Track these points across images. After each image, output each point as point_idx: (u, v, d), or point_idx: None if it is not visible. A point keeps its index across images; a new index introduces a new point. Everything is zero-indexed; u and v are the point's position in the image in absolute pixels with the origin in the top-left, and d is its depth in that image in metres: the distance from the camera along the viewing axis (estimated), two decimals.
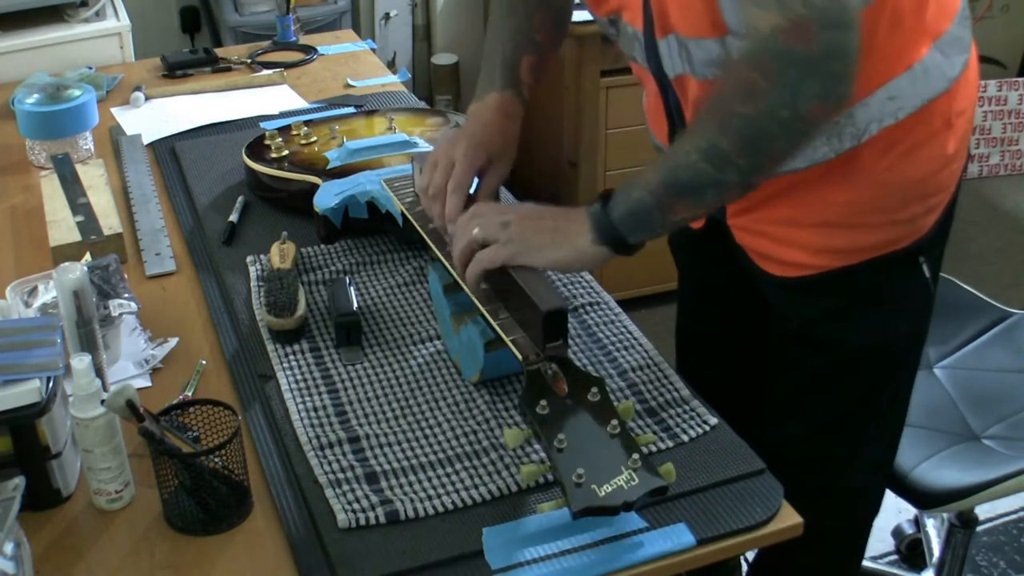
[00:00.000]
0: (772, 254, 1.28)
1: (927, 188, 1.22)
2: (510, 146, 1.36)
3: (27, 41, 2.22)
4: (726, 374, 1.55)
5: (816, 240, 1.23)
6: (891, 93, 1.15)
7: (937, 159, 1.21)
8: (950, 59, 1.18)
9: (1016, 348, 1.78)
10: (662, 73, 1.24)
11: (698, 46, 1.16)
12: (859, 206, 1.21)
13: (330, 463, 1.13)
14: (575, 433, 1.00)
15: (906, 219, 1.23)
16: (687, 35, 1.16)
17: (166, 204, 1.69)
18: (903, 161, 1.19)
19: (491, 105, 1.35)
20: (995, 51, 3.63)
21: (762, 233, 1.27)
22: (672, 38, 1.19)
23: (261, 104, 2.03)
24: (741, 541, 1.07)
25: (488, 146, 1.32)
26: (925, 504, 1.57)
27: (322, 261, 1.49)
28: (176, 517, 1.09)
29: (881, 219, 1.22)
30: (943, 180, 1.24)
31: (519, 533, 1.05)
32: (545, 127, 2.93)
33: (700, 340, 1.63)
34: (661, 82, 1.26)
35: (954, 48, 1.19)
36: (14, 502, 0.98)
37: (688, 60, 1.18)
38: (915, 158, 1.19)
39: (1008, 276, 3.11)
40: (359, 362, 1.30)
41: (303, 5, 2.77)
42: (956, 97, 1.20)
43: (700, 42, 1.15)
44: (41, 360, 1.09)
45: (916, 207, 1.23)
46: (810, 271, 1.25)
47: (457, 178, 1.28)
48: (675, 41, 1.18)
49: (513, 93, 1.36)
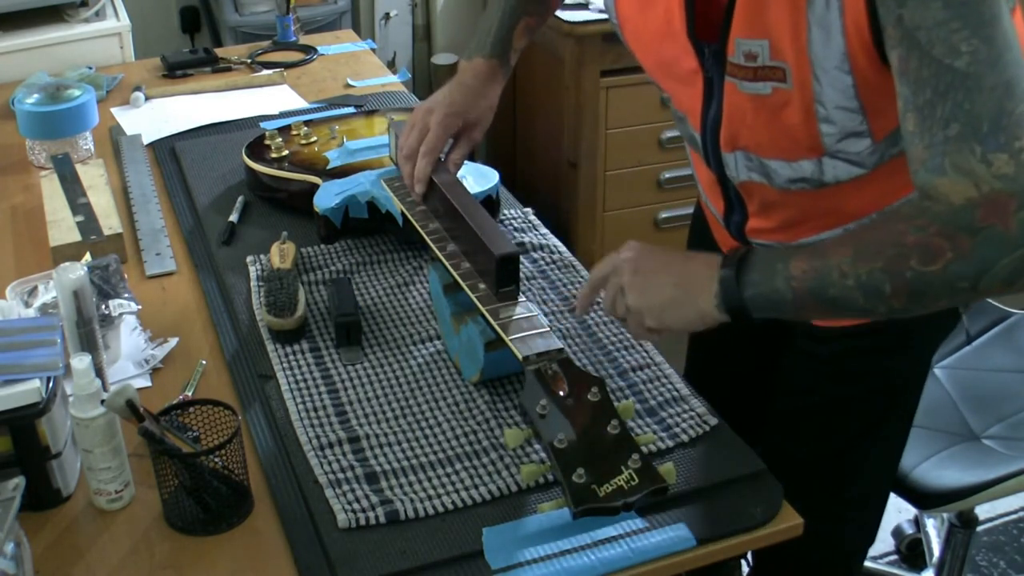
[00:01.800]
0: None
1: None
2: (488, 113, 1.42)
3: (27, 41, 2.22)
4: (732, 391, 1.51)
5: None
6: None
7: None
8: None
9: (1016, 348, 1.78)
10: (724, 176, 1.19)
11: (785, 166, 1.11)
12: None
13: (330, 463, 1.13)
14: (575, 433, 1.00)
15: None
16: (768, 156, 1.11)
17: (166, 204, 1.69)
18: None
19: (478, 71, 1.41)
20: None
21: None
22: (741, 154, 1.14)
23: (261, 104, 2.03)
24: (741, 541, 1.07)
25: (464, 113, 1.39)
26: (925, 504, 1.57)
27: (322, 261, 1.49)
28: (176, 517, 1.09)
29: None
30: None
31: (519, 533, 1.05)
32: (545, 127, 2.93)
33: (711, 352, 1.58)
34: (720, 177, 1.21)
35: None
36: (14, 502, 0.98)
37: (765, 174, 1.14)
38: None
39: None
40: (359, 362, 1.30)
41: (303, 5, 2.77)
42: None
43: (789, 164, 1.11)
44: (41, 360, 1.09)
45: None
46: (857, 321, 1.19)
47: (429, 142, 1.37)
48: (744, 157, 1.14)
49: (500, 61, 1.41)
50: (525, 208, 1.64)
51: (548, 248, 1.53)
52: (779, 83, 1.04)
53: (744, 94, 1.08)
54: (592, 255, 2.79)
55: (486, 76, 1.41)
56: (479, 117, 1.42)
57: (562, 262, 1.50)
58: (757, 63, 1.04)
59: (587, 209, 2.79)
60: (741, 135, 1.13)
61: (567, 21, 2.56)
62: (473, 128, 1.42)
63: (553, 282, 1.45)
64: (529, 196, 2.26)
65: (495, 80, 1.42)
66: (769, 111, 1.07)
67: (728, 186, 1.22)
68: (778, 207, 1.19)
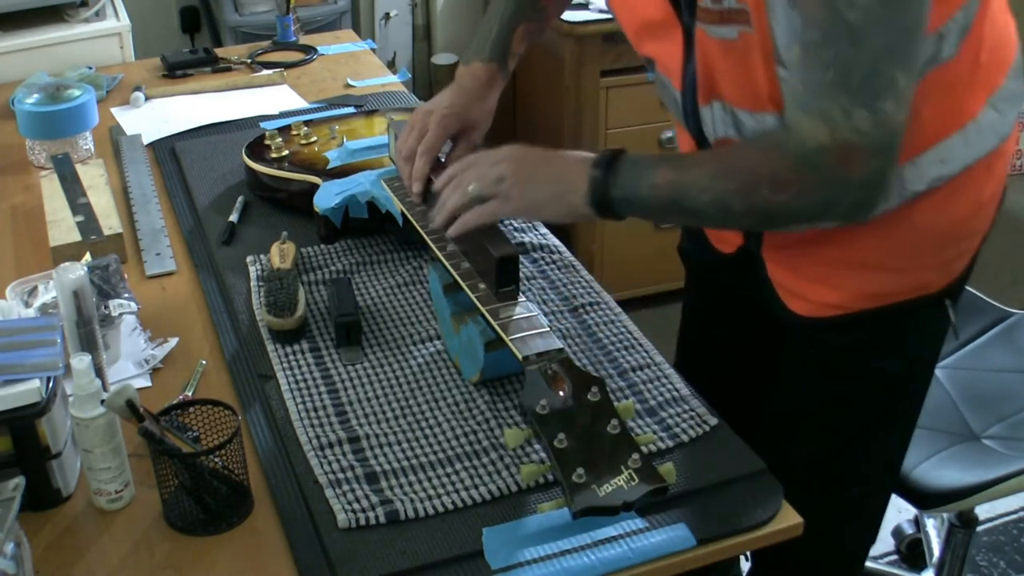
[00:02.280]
0: (802, 292, 1.25)
1: (961, 232, 1.20)
2: (487, 116, 1.43)
3: (27, 41, 2.22)
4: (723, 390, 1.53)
5: (848, 282, 1.21)
6: (942, 155, 1.12)
7: (974, 203, 1.19)
8: (1004, 115, 1.15)
9: (1016, 348, 1.78)
10: (701, 135, 1.22)
11: (751, 117, 1.13)
12: (896, 250, 1.18)
13: (330, 463, 1.13)
14: (575, 433, 1.00)
15: (939, 264, 1.21)
16: (740, 106, 1.14)
17: (166, 204, 1.69)
18: (940, 206, 1.16)
19: (476, 74, 1.42)
20: None
21: (796, 270, 1.25)
22: (718, 105, 1.16)
23: (261, 104, 2.03)
24: (741, 541, 1.07)
25: (463, 115, 1.40)
26: (925, 504, 1.57)
27: (322, 261, 1.49)
28: (176, 517, 1.09)
29: (914, 263, 1.20)
30: (977, 224, 1.22)
31: (519, 533, 1.05)
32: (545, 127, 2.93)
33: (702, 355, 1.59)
34: (699, 141, 1.24)
35: (1009, 103, 1.15)
36: (14, 502, 0.98)
37: (736, 127, 1.16)
38: (952, 203, 1.16)
39: (1008, 276, 3.11)
40: (359, 362, 1.30)
41: (303, 5, 2.77)
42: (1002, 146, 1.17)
43: (755, 115, 1.13)
44: (41, 360, 1.09)
45: (950, 251, 1.21)
46: (837, 311, 1.23)
47: (428, 142, 1.37)
48: (720, 108, 1.16)
49: (499, 65, 1.42)
50: None
51: (548, 248, 1.53)
52: (744, 26, 1.06)
53: (714, 40, 1.10)
54: (592, 255, 2.79)
55: (484, 80, 1.42)
56: (478, 119, 1.42)
57: (562, 262, 1.50)
58: (723, 5, 1.06)
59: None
60: (715, 85, 1.15)
61: (567, 21, 2.56)
62: (472, 130, 1.42)
63: (553, 282, 1.45)
64: None
65: (493, 84, 1.43)
66: (736, 57, 1.09)
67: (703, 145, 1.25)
68: None
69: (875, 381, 1.29)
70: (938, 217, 1.17)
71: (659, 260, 2.79)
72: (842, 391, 1.30)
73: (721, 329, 1.55)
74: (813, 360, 1.31)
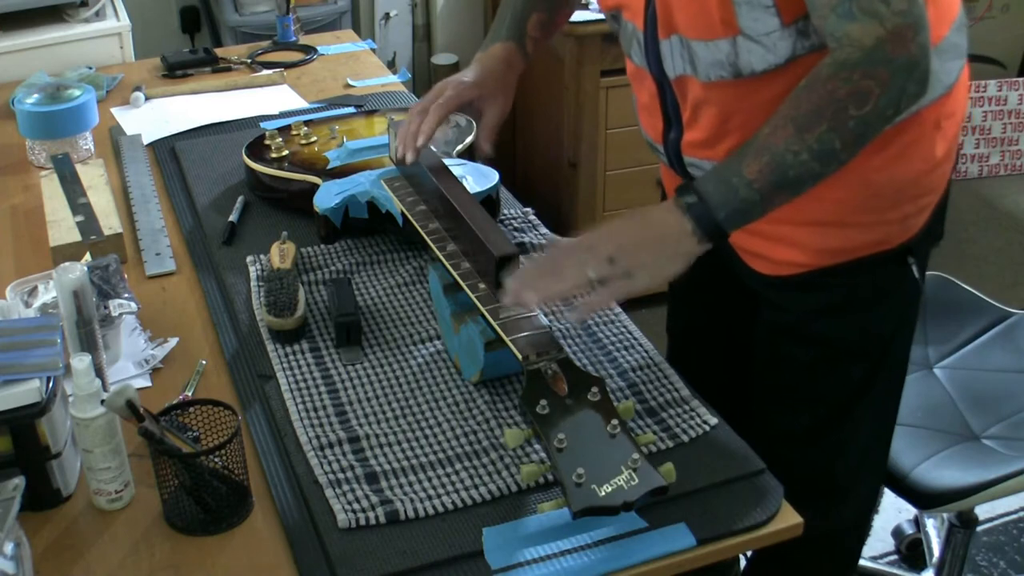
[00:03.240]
0: (764, 253, 1.29)
1: (917, 189, 1.24)
2: (506, 91, 1.43)
3: (27, 41, 2.22)
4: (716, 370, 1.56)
5: (808, 239, 1.25)
6: None
7: (927, 160, 1.23)
8: (946, 66, 1.20)
9: (1016, 348, 1.78)
10: (662, 73, 1.25)
11: (705, 47, 1.17)
12: (850, 205, 1.23)
13: (330, 463, 1.13)
14: (575, 433, 1.00)
15: (896, 219, 1.25)
16: (693, 37, 1.17)
17: (166, 204, 1.69)
18: (894, 162, 1.21)
19: (493, 53, 1.43)
20: (995, 51, 3.63)
21: (756, 232, 1.28)
22: (675, 39, 1.20)
23: (261, 104, 2.03)
24: (741, 541, 1.07)
25: (481, 86, 1.41)
26: (925, 504, 1.56)
27: (322, 261, 1.49)
28: (176, 517, 1.09)
29: (872, 219, 1.24)
30: (933, 182, 1.26)
31: (519, 533, 1.05)
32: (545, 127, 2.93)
33: (689, 335, 1.64)
34: (660, 81, 1.27)
35: (951, 55, 1.21)
36: (14, 502, 0.98)
37: (691, 61, 1.20)
38: (905, 160, 1.21)
39: (1008, 276, 3.11)
40: (359, 362, 1.30)
41: (303, 5, 2.77)
42: (948, 101, 1.22)
43: (708, 44, 1.16)
44: (41, 360, 1.09)
45: (907, 207, 1.25)
46: (801, 269, 1.27)
47: (442, 101, 1.38)
48: (678, 42, 1.20)
49: (516, 45, 1.43)
50: (525, 208, 1.64)
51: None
52: None
53: None
54: None
55: (501, 57, 1.43)
56: (495, 92, 1.42)
57: None
58: None
59: (587, 209, 2.79)
60: (672, 17, 1.19)
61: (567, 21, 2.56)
62: (491, 103, 1.42)
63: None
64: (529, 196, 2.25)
65: (512, 63, 1.43)
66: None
67: (666, 95, 1.28)
68: (706, 108, 1.23)
69: (846, 344, 1.32)
70: (892, 174, 1.21)
71: None
72: (810, 358, 1.34)
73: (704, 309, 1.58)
74: (785, 327, 1.35)
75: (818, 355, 1.33)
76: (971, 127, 3.53)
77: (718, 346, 1.58)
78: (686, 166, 1.31)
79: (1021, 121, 3.56)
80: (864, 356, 1.33)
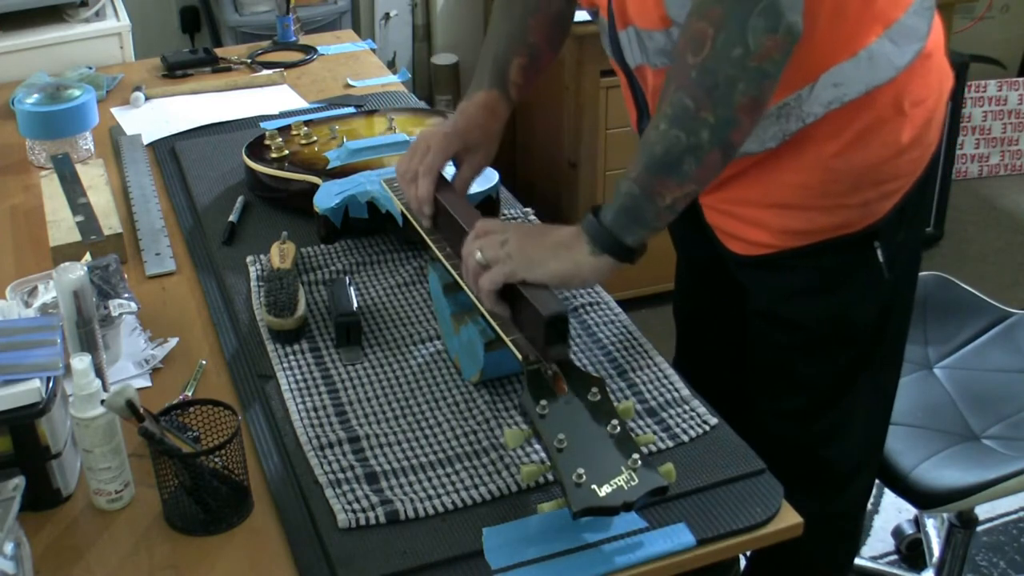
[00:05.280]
0: (737, 233, 1.32)
1: (880, 175, 1.24)
2: (490, 140, 1.42)
3: (27, 41, 2.22)
4: (718, 353, 1.59)
5: (774, 220, 1.27)
6: (836, 79, 1.18)
7: (890, 146, 1.23)
8: (900, 48, 1.20)
9: (1016, 348, 1.78)
10: (624, 63, 1.29)
11: (650, 38, 1.21)
12: (811, 189, 1.24)
13: (330, 463, 1.13)
14: (575, 433, 1.00)
15: (858, 203, 1.25)
16: (643, 27, 1.20)
17: (166, 204, 1.69)
18: (852, 147, 1.21)
19: (477, 101, 1.41)
20: (995, 51, 3.63)
21: (728, 213, 1.31)
22: (631, 30, 1.23)
23: (261, 104, 2.03)
24: (741, 541, 1.07)
25: (465, 136, 1.39)
26: (925, 504, 1.57)
27: (322, 261, 1.49)
28: (176, 517, 1.09)
29: (832, 202, 1.25)
30: (900, 168, 1.25)
31: (519, 533, 1.05)
32: (545, 127, 2.93)
33: (693, 319, 1.67)
34: (627, 72, 1.31)
35: (906, 37, 1.20)
36: (14, 502, 0.98)
37: (644, 50, 1.23)
38: (864, 144, 1.21)
39: (1008, 276, 3.11)
40: (359, 362, 1.30)
41: (303, 5, 2.77)
42: (908, 85, 1.22)
43: (651, 34, 1.20)
44: (41, 360, 1.09)
45: (868, 192, 1.25)
46: (769, 250, 1.29)
47: (428, 162, 1.35)
48: (633, 32, 1.23)
49: (500, 92, 1.41)
50: (525, 208, 1.64)
51: None
52: None
53: None
54: None
55: (484, 105, 1.41)
56: (480, 142, 1.40)
57: None
58: None
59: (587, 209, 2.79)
60: (625, 10, 1.21)
61: None
62: (475, 152, 1.41)
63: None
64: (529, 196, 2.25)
65: (495, 111, 1.41)
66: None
67: (635, 85, 1.32)
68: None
69: (822, 329, 1.33)
70: (852, 159, 1.22)
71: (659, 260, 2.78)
72: (789, 342, 1.36)
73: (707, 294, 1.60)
74: (761, 310, 1.38)
75: (797, 339, 1.35)
76: (971, 127, 3.53)
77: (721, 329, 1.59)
78: None
79: (1021, 121, 3.56)
80: (848, 342, 1.34)
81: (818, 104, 1.19)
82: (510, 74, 1.41)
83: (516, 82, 1.41)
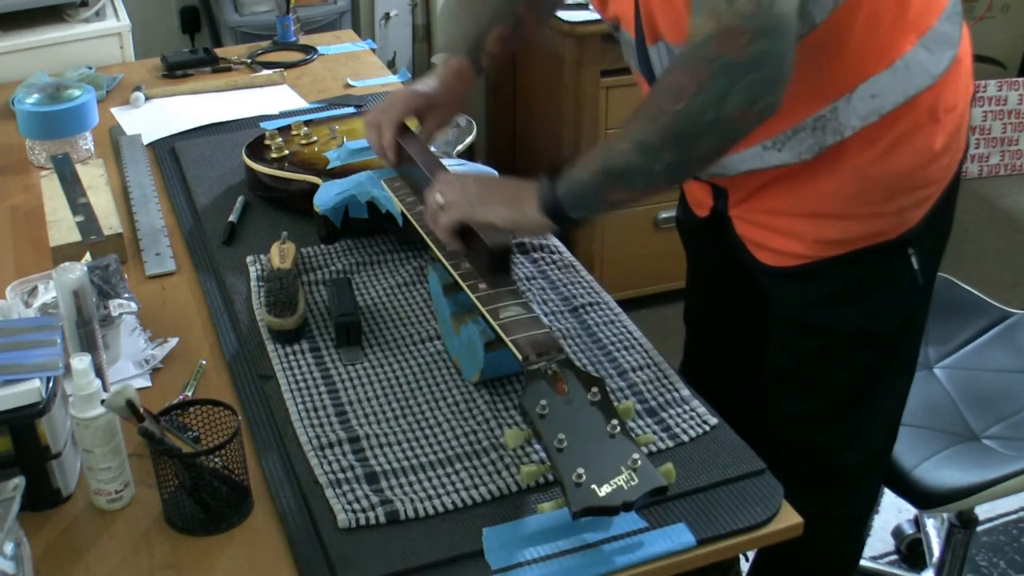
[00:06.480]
0: (768, 244, 1.31)
1: (914, 182, 1.24)
2: (455, 100, 1.50)
3: (27, 41, 2.22)
4: (731, 357, 1.59)
5: (808, 230, 1.26)
6: (873, 91, 1.17)
7: (923, 153, 1.23)
8: (935, 55, 1.20)
9: (1016, 348, 1.78)
10: (653, 78, 1.27)
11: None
12: (845, 198, 1.23)
13: (330, 463, 1.13)
14: (575, 433, 1.00)
15: (893, 211, 1.25)
16: (674, 42, 1.19)
17: (166, 204, 1.69)
18: (888, 155, 1.21)
19: (447, 64, 1.49)
20: (995, 51, 3.63)
21: (759, 223, 1.30)
22: (662, 45, 1.22)
23: (261, 104, 2.03)
24: (741, 541, 1.07)
25: (428, 95, 1.47)
26: (925, 504, 1.56)
27: (322, 261, 1.49)
28: (176, 517, 1.09)
29: (867, 211, 1.24)
30: (931, 174, 1.25)
31: (519, 533, 1.05)
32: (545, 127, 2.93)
33: (706, 323, 1.66)
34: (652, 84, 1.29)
35: (940, 44, 1.20)
36: (14, 502, 0.98)
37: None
38: (899, 152, 1.21)
39: (1008, 276, 3.11)
40: (359, 362, 1.30)
41: (303, 5, 2.77)
42: (943, 92, 1.21)
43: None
44: (41, 360, 1.09)
45: (903, 200, 1.25)
46: (802, 260, 1.28)
47: (391, 114, 1.45)
48: (664, 48, 1.22)
49: (470, 60, 1.48)
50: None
51: (548, 248, 1.53)
52: None
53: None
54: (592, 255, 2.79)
55: (454, 70, 1.48)
56: (444, 101, 1.48)
57: (562, 262, 1.50)
58: None
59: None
60: (656, 25, 1.21)
61: (567, 21, 2.56)
62: (438, 111, 1.48)
63: (553, 282, 1.45)
64: None
65: (463, 76, 1.48)
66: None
67: None
68: None
69: (851, 334, 1.33)
70: (886, 166, 1.21)
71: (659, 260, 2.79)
72: (814, 348, 1.35)
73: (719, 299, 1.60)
74: (790, 318, 1.37)
75: (824, 344, 1.34)
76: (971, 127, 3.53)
77: (736, 332, 1.59)
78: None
79: (1021, 121, 3.56)
80: (874, 346, 1.34)
81: (856, 117, 1.18)
82: (486, 43, 1.47)
83: (491, 51, 1.47)
